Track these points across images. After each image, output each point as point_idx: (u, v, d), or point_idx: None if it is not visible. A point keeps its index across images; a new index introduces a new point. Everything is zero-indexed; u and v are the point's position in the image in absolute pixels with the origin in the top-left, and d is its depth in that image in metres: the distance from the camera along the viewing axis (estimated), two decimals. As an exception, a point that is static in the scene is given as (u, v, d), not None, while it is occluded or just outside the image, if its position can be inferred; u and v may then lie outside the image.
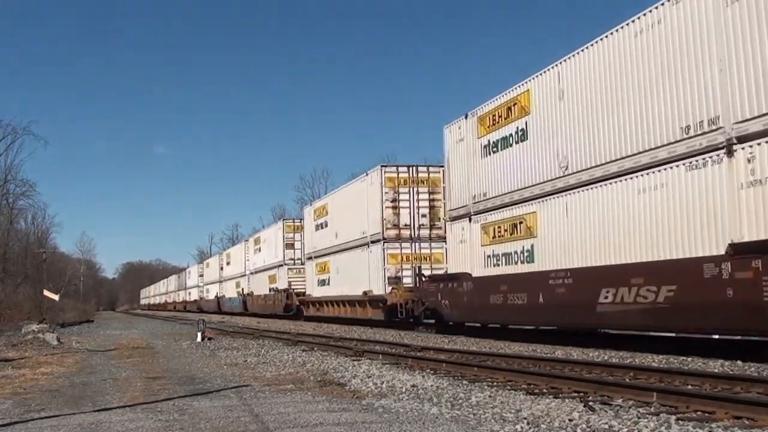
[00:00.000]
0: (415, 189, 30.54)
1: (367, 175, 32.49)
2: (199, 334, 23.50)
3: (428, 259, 29.97)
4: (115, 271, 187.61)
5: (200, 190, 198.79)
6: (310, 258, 42.05)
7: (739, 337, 14.33)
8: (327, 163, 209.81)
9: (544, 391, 9.38)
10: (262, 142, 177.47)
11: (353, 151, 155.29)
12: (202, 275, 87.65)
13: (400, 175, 30.45)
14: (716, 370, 10.91)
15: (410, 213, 30.49)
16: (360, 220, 32.75)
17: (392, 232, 30.29)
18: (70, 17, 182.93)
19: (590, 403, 8.03)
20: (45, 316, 37.35)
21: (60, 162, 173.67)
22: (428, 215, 30.33)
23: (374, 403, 8.66)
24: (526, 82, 19.38)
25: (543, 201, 18.33)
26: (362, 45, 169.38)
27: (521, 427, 6.79)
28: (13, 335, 26.85)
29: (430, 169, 30.72)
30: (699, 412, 7.29)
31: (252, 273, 59.08)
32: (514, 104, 19.85)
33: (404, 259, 30.21)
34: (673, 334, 16.32)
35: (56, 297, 39.92)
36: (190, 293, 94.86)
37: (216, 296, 75.23)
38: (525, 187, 19.17)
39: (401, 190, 30.18)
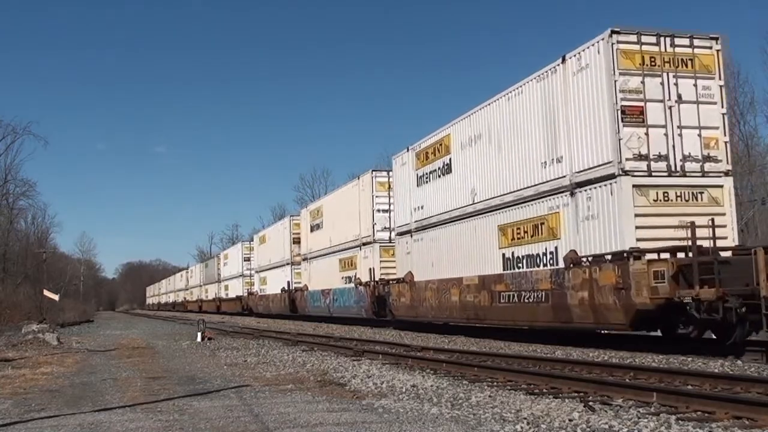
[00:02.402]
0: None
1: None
2: (199, 334, 23.50)
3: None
4: (115, 271, 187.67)
5: (200, 190, 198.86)
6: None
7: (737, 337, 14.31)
8: (327, 163, 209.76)
9: (544, 391, 9.38)
10: (262, 142, 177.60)
11: (353, 151, 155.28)
12: (249, 258, 60.30)
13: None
14: (716, 370, 10.91)
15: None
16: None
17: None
18: (71, 17, 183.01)
19: (590, 403, 8.03)
20: (45, 316, 37.33)
21: (60, 162, 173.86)
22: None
23: (374, 403, 8.66)
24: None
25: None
26: (362, 44, 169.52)
27: (521, 427, 6.79)
28: (13, 335, 26.85)
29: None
30: (699, 412, 7.29)
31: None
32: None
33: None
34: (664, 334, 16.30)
35: (56, 297, 39.90)
36: (227, 287, 69.73)
37: (287, 290, 45.30)
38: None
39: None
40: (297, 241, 44.78)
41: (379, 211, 31.74)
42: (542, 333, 19.40)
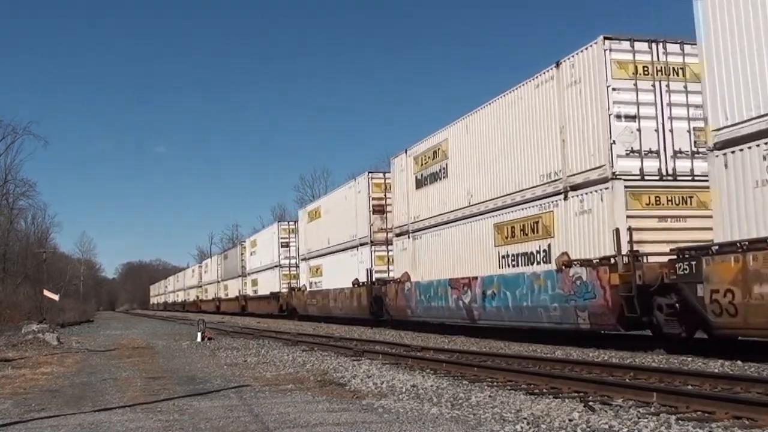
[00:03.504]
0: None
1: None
2: (199, 334, 23.50)
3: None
4: (115, 271, 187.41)
5: (200, 190, 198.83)
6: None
7: (740, 338, 14.32)
8: (327, 163, 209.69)
9: (544, 391, 9.38)
10: (262, 142, 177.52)
11: (353, 151, 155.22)
12: (288, 243, 47.74)
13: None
14: (716, 370, 10.91)
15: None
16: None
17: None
18: (71, 17, 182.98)
19: (590, 403, 8.03)
20: (45, 316, 37.32)
21: (60, 162, 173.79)
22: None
23: (374, 403, 8.66)
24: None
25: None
26: (362, 44, 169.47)
27: (521, 427, 6.78)
28: (13, 335, 26.83)
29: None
30: (699, 412, 7.29)
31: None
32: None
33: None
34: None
35: (56, 297, 39.89)
36: (255, 281, 56.13)
37: (366, 283, 31.79)
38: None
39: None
40: (380, 210, 31.79)
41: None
42: (543, 333, 19.39)
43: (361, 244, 33.14)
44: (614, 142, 15.74)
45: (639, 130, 15.89)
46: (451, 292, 22.77)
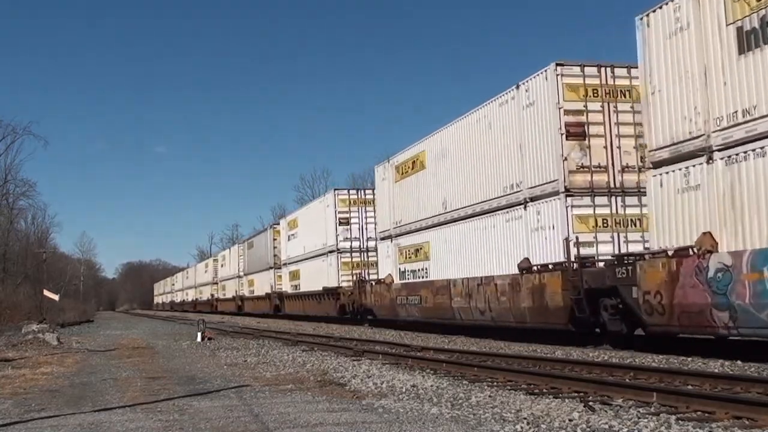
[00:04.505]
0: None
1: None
2: (199, 335, 23.50)
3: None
4: (115, 271, 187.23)
5: (200, 190, 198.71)
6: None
7: (739, 338, 14.34)
8: (327, 163, 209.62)
9: (544, 391, 9.38)
10: (262, 142, 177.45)
11: (353, 151, 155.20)
12: (347, 221, 36.41)
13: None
14: (716, 370, 10.91)
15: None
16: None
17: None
18: (71, 17, 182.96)
19: (590, 403, 8.03)
20: (45, 316, 37.32)
21: (60, 162, 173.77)
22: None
23: (374, 403, 8.65)
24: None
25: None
26: (362, 44, 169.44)
27: (521, 427, 6.78)
28: (13, 335, 26.85)
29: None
30: (699, 412, 7.29)
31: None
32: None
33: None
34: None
35: (56, 297, 39.90)
36: (295, 273, 43.60)
37: (573, 264, 16.44)
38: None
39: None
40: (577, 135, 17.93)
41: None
42: (541, 333, 19.39)
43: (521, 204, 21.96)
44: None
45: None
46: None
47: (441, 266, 23.98)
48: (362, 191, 37.72)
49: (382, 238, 29.73)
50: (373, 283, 30.49)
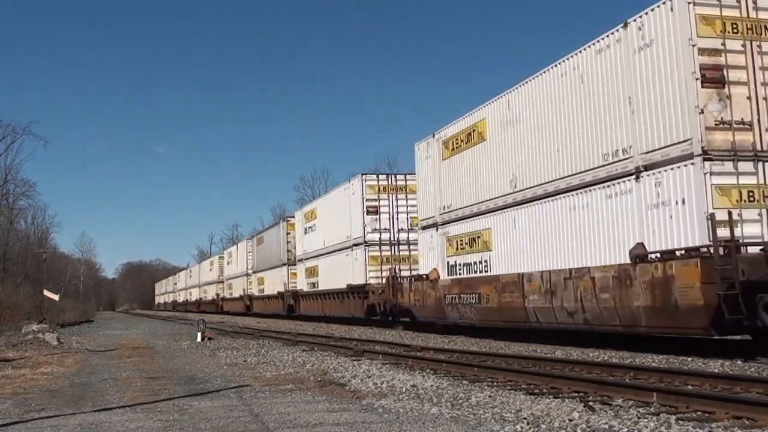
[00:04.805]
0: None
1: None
2: (199, 335, 23.50)
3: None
4: (115, 271, 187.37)
5: (200, 190, 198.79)
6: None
7: (739, 337, 14.34)
8: (327, 163, 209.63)
9: (544, 391, 9.38)
10: (262, 142, 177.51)
11: (353, 151, 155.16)
12: (375, 210, 32.48)
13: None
14: (716, 370, 10.90)
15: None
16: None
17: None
18: (71, 17, 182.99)
19: (590, 403, 8.03)
20: (45, 316, 37.33)
21: (60, 162, 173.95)
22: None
23: (374, 403, 8.66)
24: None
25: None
26: (362, 44, 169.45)
27: (521, 427, 6.78)
28: (13, 335, 26.85)
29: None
30: (699, 412, 7.29)
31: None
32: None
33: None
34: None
35: (56, 297, 39.91)
36: (312, 270, 39.88)
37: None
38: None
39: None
40: None
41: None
42: (542, 333, 19.38)
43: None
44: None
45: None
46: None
47: (508, 258, 19.86)
48: (393, 176, 32.73)
49: (425, 227, 25.23)
50: (413, 280, 26.30)
